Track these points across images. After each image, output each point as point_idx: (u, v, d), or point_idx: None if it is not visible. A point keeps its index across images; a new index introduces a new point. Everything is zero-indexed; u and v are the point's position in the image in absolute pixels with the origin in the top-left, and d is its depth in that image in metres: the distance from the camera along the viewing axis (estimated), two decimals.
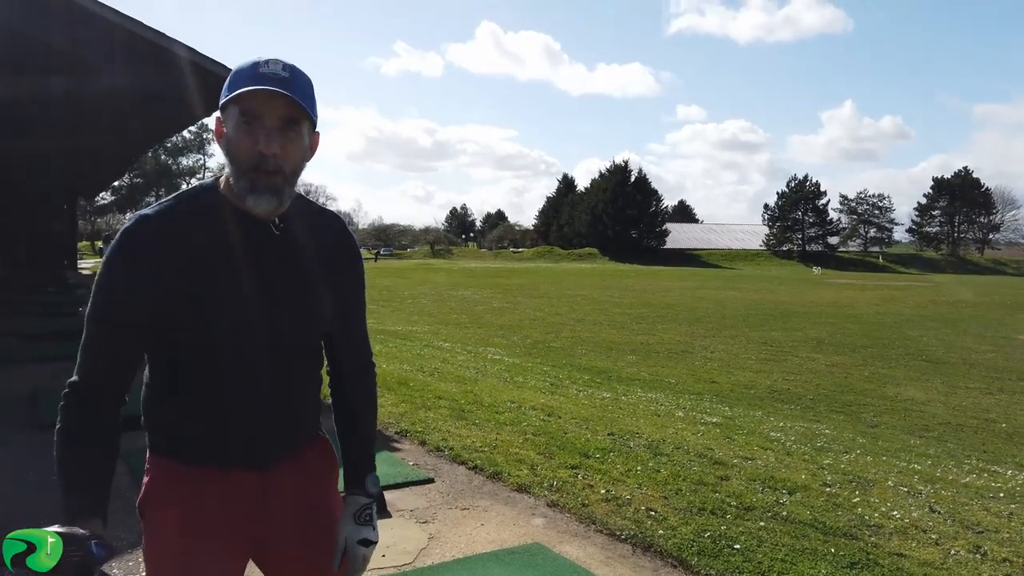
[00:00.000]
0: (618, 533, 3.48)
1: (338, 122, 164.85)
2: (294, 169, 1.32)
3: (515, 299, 23.00)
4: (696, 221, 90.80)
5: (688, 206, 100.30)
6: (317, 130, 1.37)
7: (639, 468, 4.47)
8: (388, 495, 3.86)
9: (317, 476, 1.54)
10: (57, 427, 1.27)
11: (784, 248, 70.81)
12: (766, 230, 73.66)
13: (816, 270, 56.25)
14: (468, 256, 73.37)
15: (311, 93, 1.33)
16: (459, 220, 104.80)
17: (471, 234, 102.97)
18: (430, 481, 4.21)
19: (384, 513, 1.65)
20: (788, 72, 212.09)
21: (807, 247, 70.53)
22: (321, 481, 1.55)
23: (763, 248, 71.85)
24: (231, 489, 1.41)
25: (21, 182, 16.82)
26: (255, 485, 1.43)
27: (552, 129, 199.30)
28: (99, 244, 60.06)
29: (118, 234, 1.30)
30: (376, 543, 1.49)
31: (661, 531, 3.48)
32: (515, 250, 77.05)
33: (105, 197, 66.85)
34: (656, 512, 3.71)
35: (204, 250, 1.30)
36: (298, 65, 1.32)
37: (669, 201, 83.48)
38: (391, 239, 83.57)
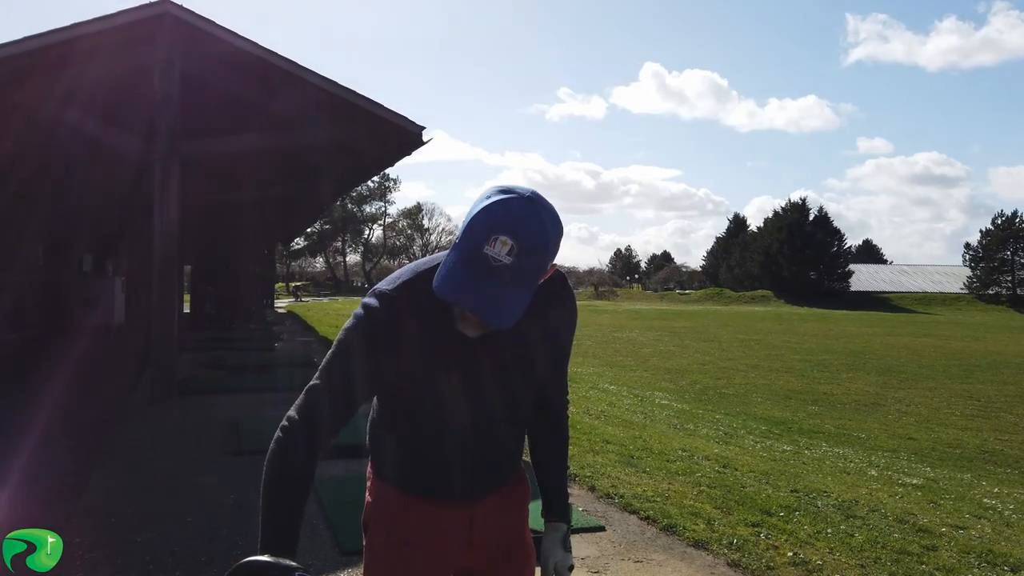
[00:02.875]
0: None
1: (503, 167, 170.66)
2: None
3: (683, 342, 22.31)
4: (884, 262, 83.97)
5: (874, 246, 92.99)
6: (553, 263, 1.30)
7: (829, 531, 4.08)
8: None
9: (517, 506, 1.62)
10: (268, 454, 1.32)
11: (990, 292, 63.41)
12: (968, 272, 66.50)
13: None
14: (633, 298, 72.46)
15: (537, 268, 1.21)
16: (624, 262, 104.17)
17: (636, 276, 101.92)
18: (601, 529, 4.08)
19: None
20: (988, 99, 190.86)
21: (1018, 291, 62.84)
22: (520, 511, 1.63)
23: (964, 291, 64.79)
24: (443, 519, 1.52)
25: (229, 229, 18.83)
26: (464, 516, 1.53)
27: (719, 168, 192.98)
28: (293, 286, 65.76)
29: (361, 306, 1.38)
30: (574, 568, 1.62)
31: None
32: (682, 292, 75.03)
33: (299, 242, 73.30)
34: None
35: (434, 328, 1.35)
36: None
37: (852, 241, 78.14)
38: None
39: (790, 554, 3.66)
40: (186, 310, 21.60)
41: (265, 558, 1.11)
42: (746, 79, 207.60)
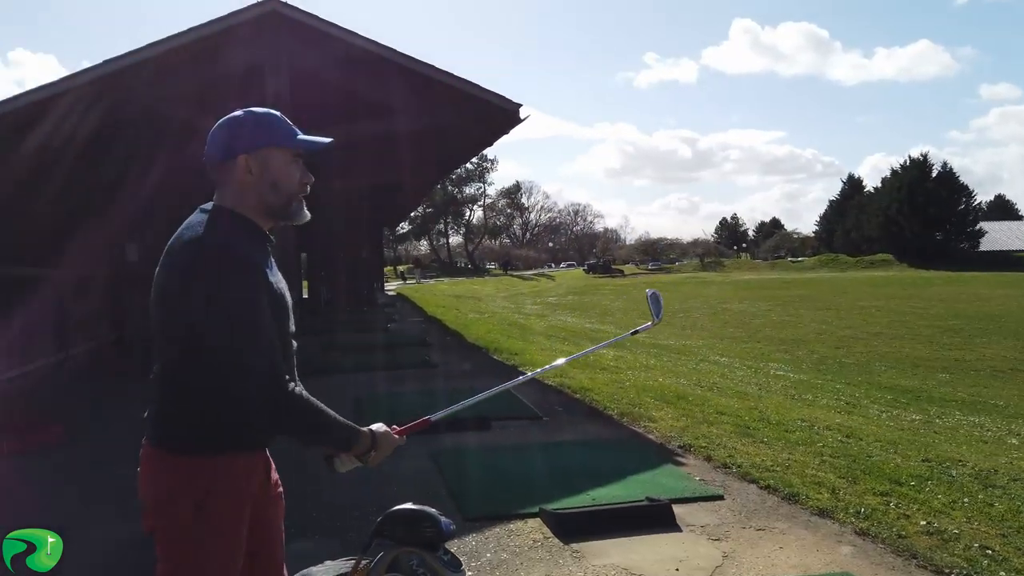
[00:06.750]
0: (946, 571, 3.04)
1: (594, 140, 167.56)
2: None
3: (797, 311, 21.49)
4: (1020, 218, 77.41)
5: (1008, 201, 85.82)
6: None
7: (966, 500, 3.88)
8: (677, 509, 3.77)
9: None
10: (294, 400, 1.70)
11: None
12: None
13: None
14: (741, 268, 70.11)
15: None
16: (729, 231, 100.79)
17: (743, 245, 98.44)
18: (719, 498, 4.04)
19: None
20: None
21: None
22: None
23: None
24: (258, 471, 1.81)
25: (340, 217, 19.51)
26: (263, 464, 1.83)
27: (826, 126, 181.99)
28: (401, 269, 67.65)
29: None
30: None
31: (1003, 573, 2.97)
32: (794, 259, 71.84)
33: (404, 227, 75.21)
34: (993, 551, 3.18)
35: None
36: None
37: (982, 197, 72.42)
38: (659, 253, 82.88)
39: (923, 523, 3.51)
40: (304, 295, 22.66)
41: (410, 506, 1.19)
42: (848, 28, 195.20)
